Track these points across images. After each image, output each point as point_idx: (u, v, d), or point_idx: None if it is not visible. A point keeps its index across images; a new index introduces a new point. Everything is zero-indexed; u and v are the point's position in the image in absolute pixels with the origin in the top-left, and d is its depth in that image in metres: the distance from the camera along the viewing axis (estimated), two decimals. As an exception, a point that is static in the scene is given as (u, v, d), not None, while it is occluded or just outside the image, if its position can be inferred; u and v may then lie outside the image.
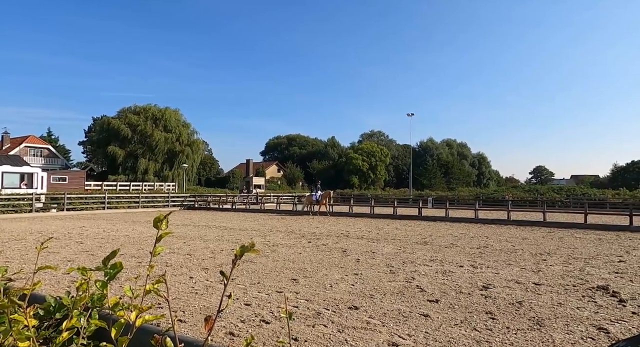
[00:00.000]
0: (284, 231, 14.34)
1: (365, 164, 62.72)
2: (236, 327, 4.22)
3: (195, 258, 8.47)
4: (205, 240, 11.59)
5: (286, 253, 9.18)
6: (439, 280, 6.54)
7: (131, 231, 13.96)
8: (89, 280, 0.95)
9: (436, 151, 71.44)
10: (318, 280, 6.46)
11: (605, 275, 7.04)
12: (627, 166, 60.92)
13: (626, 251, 9.91)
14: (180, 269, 7.33)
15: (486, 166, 79.23)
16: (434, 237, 12.72)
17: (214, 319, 0.78)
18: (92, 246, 10.07)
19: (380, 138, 79.28)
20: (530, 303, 5.20)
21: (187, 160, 50.43)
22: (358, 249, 9.96)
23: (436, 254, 9.26)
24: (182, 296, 5.49)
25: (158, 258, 8.33)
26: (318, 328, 4.21)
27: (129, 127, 48.62)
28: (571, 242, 11.57)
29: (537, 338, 3.98)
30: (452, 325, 4.35)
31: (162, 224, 0.91)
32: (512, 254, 9.27)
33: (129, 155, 48.66)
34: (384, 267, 7.62)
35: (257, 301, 5.24)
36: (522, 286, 6.19)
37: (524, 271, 7.32)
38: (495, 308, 4.98)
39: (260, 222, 18.35)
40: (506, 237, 12.89)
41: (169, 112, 51.56)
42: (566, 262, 8.33)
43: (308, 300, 5.28)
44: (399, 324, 4.35)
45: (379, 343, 3.82)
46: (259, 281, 6.35)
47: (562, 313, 4.79)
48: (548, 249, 10.22)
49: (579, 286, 6.22)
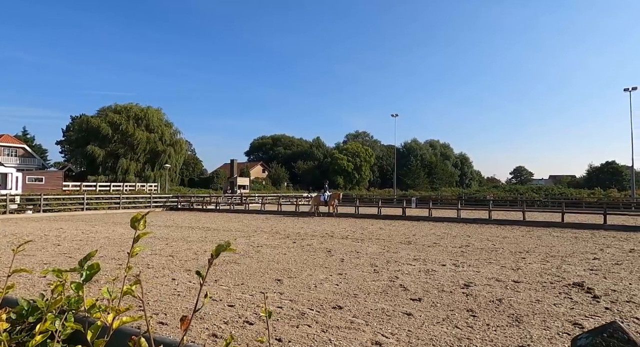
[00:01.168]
0: (268, 231, 14.27)
1: (350, 165, 63.04)
2: (219, 329, 4.18)
3: (177, 260, 8.34)
4: (188, 241, 11.42)
5: (270, 254, 9.14)
6: (422, 279, 6.63)
7: (111, 233, 13.64)
8: (65, 282, 0.93)
9: (420, 152, 72.40)
10: (302, 280, 6.46)
11: (581, 272, 7.27)
12: (601, 167, 63.18)
13: (600, 249, 10.26)
14: (162, 270, 7.21)
15: (468, 167, 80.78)
16: (418, 236, 12.88)
17: (190, 318, 0.77)
18: (70, 248, 9.79)
19: (365, 139, 79.80)
20: (509, 300, 5.33)
21: (169, 161, 49.59)
22: (342, 249, 10.00)
23: (419, 253, 9.39)
24: (164, 298, 5.40)
25: (139, 260, 8.17)
26: (302, 328, 4.21)
27: (110, 126, 47.47)
28: (549, 241, 11.91)
29: (515, 334, 4.09)
30: (435, 323, 4.42)
31: (140, 224, 0.90)
32: (492, 253, 9.48)
33: (109, 155, 47.50)
34: (368, 266, 7.67)
35: (240, 302, 5.20)
36: (502, 283, 6.33)
37: (504, 269, 7.49)
38: (476, 306, 5.08)
39: (244, 223, 18.21)
40: (487, 236, 13.16)
41: (151, 112, 50.60)
42: (544, 260, 8.57)
43: (292, 300, 5.27)
44: (382, 323, 4.39)
45: (363, 342, 3.85)
46: (242, 282, 6.30)
47: (540, 310, 4.93)
48: (527, 247, 10.49)
49: (556, 283, 6.41)
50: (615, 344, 0.54)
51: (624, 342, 0.54)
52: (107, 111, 49.81)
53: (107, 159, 47.38)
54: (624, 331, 0.56)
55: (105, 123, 47.42)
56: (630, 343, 0.54)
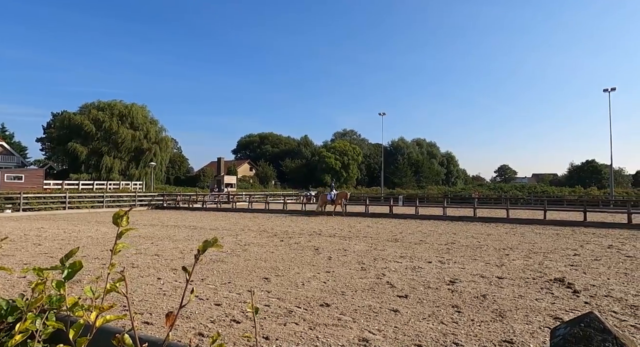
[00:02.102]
0: (256, 230, 14.20)
1: (338, 163, 63.18)
2: (206, 328, 4.14)
3: (163, 259, 8.23)
4: (174, 240, 11.28)
5: (258, 252, 9.10)
6: (408, 276, 6.70)
7: (94, 232, 13.37)
8: (46, 281, 0.91)
9: (407, 150, 73.02)
10: (290, 278, 6.45)
11: (562, 268, 7.47)
12: (582, 165, 64.82)
13: (580, 245, 10.55)
14: (148, 270, 7.10)
15: (454, 165, 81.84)
16: (404, 234, 13.01)
17: (176, 314, 0.77)
18: (52, 248, 9.55)
19: (353, 137, 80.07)
20: (493, 296, 5.44)
21: (155, 159, 48.82)
22: (330, 247, 10.02)
23: (406, 250, 9.48)
24: (149, 297, 5.32)
25: (124, 259, 8.03)
26: (289, 326, 4.21)
27: (93, 123, 46.44)
28: (532, 238, 12.18)
29: (499, 329, 4.17)
30: (420, 319, 4.47)
31: (123, 220, 0.89)
32: (477, 250, 9.64)
33: (92, 153, 46.49)
34: (355, 264, 7.71)
35: (227, 300, 5.16)
36: (487, 279, 6.45)
37: (488, 266, 7.63)
38: (461, 302, 5.17)
39: (231, 221, 18.08)
40: (472, 233, 13.38)
41: (135, 109, 49.69)
42: (527, 256, 8.76)
43: (280, 298, 5.27)
44: (369, 320, 4.43)
45: (350, 339, 3.87)
46: (230, 281, 6.26)
47: (523, 305, 5.04)
48: (511, 244, 10.70)
49: (538, 278, 6.56)
50: (592, 333, 0.56)
51: (599, 332, 0.56)
52: (90, 108, 48.72)
53: (90, 157, 46.37)
54: (600, 321, 0.58)
55: (89, 120, 46.39)
56: (606, 332, 0.56)
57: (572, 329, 0.59)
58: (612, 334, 0.57)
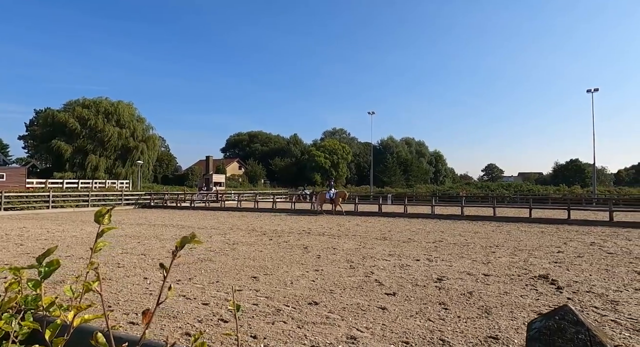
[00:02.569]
0: (244, 228, 14.12)
1: (327, 162, 63.23)
2: (193, 328, 4.11)
3: (150, 258, 8.12)
4: (161, 239, 11.15)
5: (247, 251, 9.05)
6: (396, 274, 6.75)
7: (79, 232, 13.12)
8: (20, 280, 0.88)
9: (396, 149, 73.47)
10: (279, 277, 6.44)
11: (546, 265, 7.61)
12: (566, 164, 66.18)
13: (564, 243, 10.77)
14: (134, 269, 7.00)
15: (442, 164, 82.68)
16: (393, 232, 13.10)
17: (152, 312, 0.75)
18: (34, 248, 9.34)
19: (342, 136, 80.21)
20: (479, 293, 5.51)
21: (142, 157, 48.13)
22: (319, 245, 10.03)
23: (395, 249, 9.55)
24: (136, 297, 5.25)
25: (109, 259, 7.91)
26: (277, 325, 4.20)
27: (78, 121, 45.53)
28: (517, 235, 12.39)
29: (485, 325, 4.23)
30: (408, 316, 4.51)
31: (105, 218, 0.87)
32: (464, 248, 9.76)
33: (77, 151, 45.57)
34: (344, 262, 7.74)
35: (215, 300, 5.12)
36: (473, 277, 6.54)
37: (475, 263, 7.74)
38: (448, 299, 5.23)
39: (220, 220, 17.94)
40: (460, 231, 13.54)
41: (122, 106, 48.88)
42: (512, 254, 8.91)
43: (268, 297, 5.25)
44: (357, 318, 4.45)
45: (338, 337, 3.88)
46: (217, 280, 6.22)
47: (508, 301, 5.13)
48: (497, 242, 10.87)
49: (523, 275, 6.68)
50: (566, 325, 0.57)
51: (573, 324, 0.57)
52: (74, 105, 47.75)
53: (74, 155, 45.45)
54: (574, 314, 0.59)
55: (73, 118, 45.47)
56: (579, 324, 0.58)
57: (547, 322, 0.60)
58: (585, 326, 0.59)
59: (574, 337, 0.56)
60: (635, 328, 4.16)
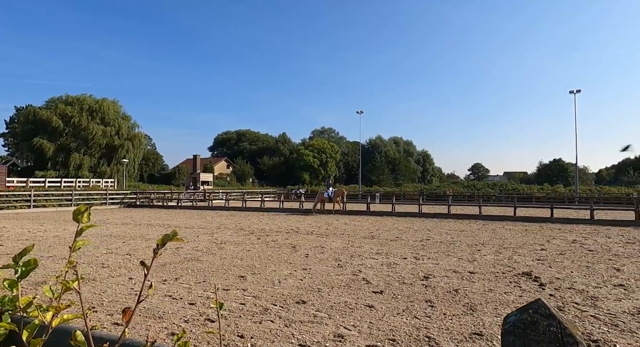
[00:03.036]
0: (232, 228, 14.03)
1: (316, 161, 63.24)
2: (179, 328, 4.06)
3: (135, 258, 8.00)
4: (146, 239, 10.99)
5: (234, 250, 9.00)
6: (384, 272, 6.80)
7: (62, 231, 12.84)
8: (-3, 280, 0.86)
9: (384, 148, 73.93)
10: (266, 276, 6.42)
11: (530, 262, 7.78)
12: (550, 164, 67.66)
13: (547, 240, 11.02)
14: (119, 269, 6.89)
15: (430, 163, 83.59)
16: (381, 231, 13.19)
17: (133, 310, 0.75)
18: (14, 249, 9.10)
19: (331, 135, 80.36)
20: (465, 290, 5.60)
21: (127, 155, 47.34)
22: (307, 244, 10.03)
23: (382, 247, 9.62)
24: (120, 298, 5.17)
25: (93, 259, 7.76)
26: (265, 324, 4.19)
27: (61, 118, 44.49)
28: (502, 234, 12.61)
29: (469, 322, 4.30)
30: (395, 314, 4.55)
31: (84, 216, 0.86)
32: (451, 246, 9.90)
33: (59, 150, 44.54)
34: (332, 261, 7.76)
35: (202, 299, 5.08)
36: (459, 274, 6.64)
37: (460, 261, 7.85)
38: (434, 296, 5.29)
39: (207, 219, 17.78)
40: (446, 230, 13.72)
41: (106, 104, 47.96)
42: (497, 251, 9.07)
43: (255, 296, 5.23)
44: (345, 316, 4.47)
45: (325, 335, 3.89)
46: (204, 280, 6.16)
47: (492, 298, 5.22)
48: (482, 240, 11.05)
49: (507, 273, 6.81)
50: (539, 318, 0.59)
51: (545, 317, 0.60)
52: (57, 102, 46.68)
53: (57, 154, 44.41)
54: (547, 307, 0.62)
55: (56, 115, 44.42)
56: (551, 317, 0.60)
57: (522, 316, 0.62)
58: (557, 319, 0.61)
59: (546, 330, 0.58)
60: (613, 323, 4.28)
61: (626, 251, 9.19)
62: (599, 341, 3.75)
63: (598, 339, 3.81)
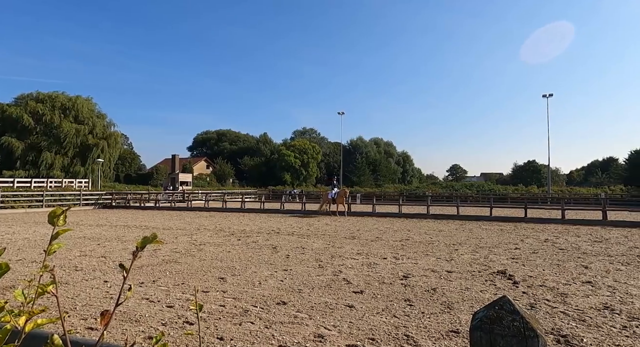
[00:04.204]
0: (212, 229, 13.84)
1: (297, 161, 63.10)
2: (156, 331, 3.99)
3: (111, 260, 7.79)
4: (123, 241, 10.71)
5: (214, 252, 8.89)
6: (364, 272, 6.87)
7: (32, 234, 12.34)
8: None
9: (365, 149, 74.53)
10: (246, 278, 6.38)
11: (504, 261, 8.02)
12: (524, 165, 69.83)
13: (521, 240, 11.39)
14: (93, 272, 6.69)
15: (410, 164, 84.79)
16: (362, 231, 13.30)
17: (111, 313, 0.74)
18: (-19, 252, 8.70)
19: (313, 135, 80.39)
20: (442, 289, 5.73)
21: (102, 155, 45.91)
22: (288, 245, 10.02)
23: (363, 247, 9.71)
24: (95, 301, 5.02)
25: (66, 262, 7.51)
26: (245, 326, 4.17)
27: (31, 116, 42.72)
28: (479, 233, 12.96)
29: (447, 320, 4.41)
30: (374, 314, 4.61)
31: (60, 219, 0.84)
32: (429, 246, 10.09)
33: (30, 148, 42.75)
34: (313, 262, 7.78)
35: (180, 302, 5.00)
36: (437, 274, 6.78)
37: (439, 261, 8.02)
38: (413, 296, 5.39)
39: (186, 220, 17.48)
40: (425, 230, 13.98)
41: (80, 101, 46.36)
42: (474, 251, 9.31)
43: (235, 298, 5.19)
44: (325, 316, 4.49)
45: (306, 336, 3.91)
46: (183, 282, 6.07)
47: (469, 296, 5.36)
48: (460, 240, 11.32)
49: (483, 271, 7.00)
50: (504, 314, 0.63)
51: (510, 313, 0.64)
52: (27, 99, 44.80)
53: (27, 153, 42.61)
54: (511, 304, 0.66)
55: (26, 112, 42.61)
56: (515, 313, 0.64)
57: (488, 312, 0.66)
58: (520, 315, 0.65)
59: (510, 324, 0.62)
60: (581, 318, 4.48)
61: (594, 249, 9.61)
62: (567, 336, 3.92)
63: (567, 334, 3.98)
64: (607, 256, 8.62)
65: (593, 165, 72.29)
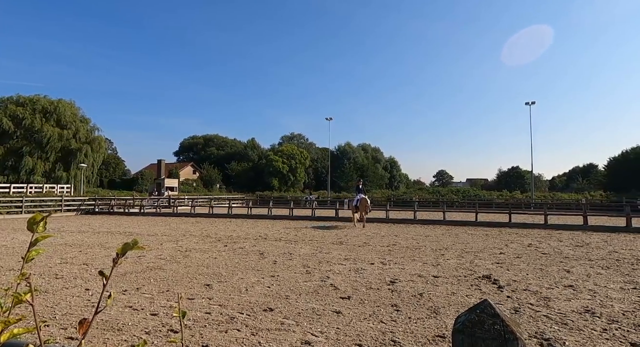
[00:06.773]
0: (198, 235, 13.66)
1: (285, 166, 62.97)
2: (140, 340, 3.89)
3: (93, 268, 7.60)
4: (106, 247, 10.47)
5: (200, 258, 8.76)
6: (351, 278, 6.87)
7: (10, 241, 11.97)
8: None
9: (353, 155, 74.89)
10: (233, 284, 6.30)
11: (489, 266, 8.13)
12: (508, 171, 71.28)
13: (505, 244, 11.57)
14: (75, 280, 6.51)
15: (397, 170, 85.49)
16: (349, 237, 13.31)
17: (90, 321, 0.73)
18: (-44, 260, 8.38)
19: (300, 141, 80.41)
20: (429, 294, 5.77)
21: (86, 160, 44.96)
22: (276, 251, 9.95)
23: (350, 253, 9.71)
24: (75, 310, 4.88)
25: (46, 270, 7.29)
26: (231, 333, 4.11)
27: (11, 120, 41.64)
28: (465, 238, 13.11)
29: (433, 325, 4.44)
30: (362, 319, 4.61)
31: (39, 226, 0.82)
32: (416, 251, 10.16)
33: (9, 153, 41.59)
34: (300, 267, 7.74)
35: (165, 309, 4.91)
36: (424, 279, 6.83)
37: (425, 266, 8.08)
38: (400, 301, 5.41)
39: (172, 226, 17.20)
40: (412, 235, 14.07)
41: (63, 105, 45.41)
42: (460, 256, 9.42)
43: (221, 305, 5.12)
44: (312, 323, 4.47)
45: (292, 343, 3.87)
46: (168, 289, 5.96)
47: (455, 301, 5.41)
48: (446, 245, 11.43)
49: (469, 276, 7.08)
50: (485, 317, 0.65)
51: (490, 316, 0.65)
52: (7, 103, 43.69)
53: (7, 157, 41.44)
54: (492, 307, 0.67)
55: (5, 116, 41.53)
56: (495, 316, 0.65)
57: (470, 316, 0.68)
58: (500, 318, 0.66)
59: (490, 328, 0.63)
60: (564, 322, 4.57)
61: (575, 254, 9.83)
62: (550, 339, 3.98)
63: (550, 337, 4.05)
64: (588, 260, 8.82)
65: (574, 171, 74.18)
